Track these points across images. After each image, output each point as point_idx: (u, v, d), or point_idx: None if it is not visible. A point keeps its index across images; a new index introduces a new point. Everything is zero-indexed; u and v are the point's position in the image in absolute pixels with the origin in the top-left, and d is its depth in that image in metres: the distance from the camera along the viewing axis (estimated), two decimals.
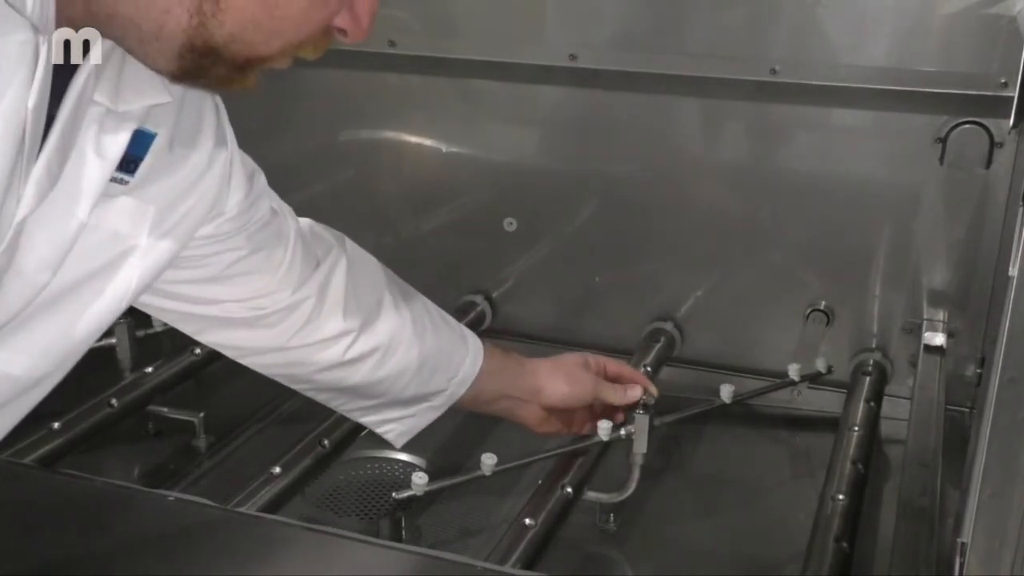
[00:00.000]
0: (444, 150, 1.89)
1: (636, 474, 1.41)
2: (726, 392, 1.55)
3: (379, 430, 1.35)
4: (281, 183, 1.20)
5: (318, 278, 1.20)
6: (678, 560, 1.42)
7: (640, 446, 1.39)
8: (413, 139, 1.90)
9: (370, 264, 1.29)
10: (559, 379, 1.38)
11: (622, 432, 1.40)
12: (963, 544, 0.89)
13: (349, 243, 1.27)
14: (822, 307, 1.75)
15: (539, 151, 1.87)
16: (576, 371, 1.39)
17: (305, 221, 1.23)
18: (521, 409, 1.39)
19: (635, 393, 1.41)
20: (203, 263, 1.10)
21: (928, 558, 1.19)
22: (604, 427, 1.40)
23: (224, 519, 1.03)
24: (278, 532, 1.00)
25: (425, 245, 1.93)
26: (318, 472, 1.48)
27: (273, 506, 1.36)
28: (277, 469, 1.41)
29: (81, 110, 0.86)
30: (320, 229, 1.24)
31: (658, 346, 1.78)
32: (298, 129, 1.95)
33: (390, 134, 1.91)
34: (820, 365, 1.68)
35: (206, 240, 1.08)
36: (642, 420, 1.39)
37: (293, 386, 1.28)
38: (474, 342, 1.35)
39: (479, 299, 1.91)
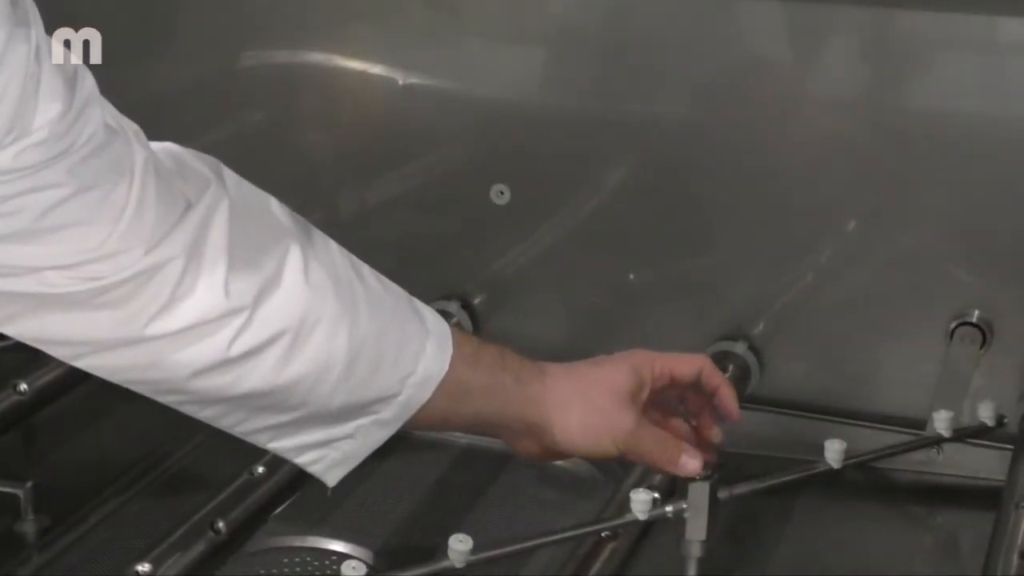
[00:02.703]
0: (401, 82, 1.89)
1: (692, 573, 1.41)
2: (833, 451, 1.54)
3: (300, 460, 1.35)
4: (154, 129, 1.20)
5: (187, 229, 1.19)
6: None
7: (697, 531, 1.40)
8: (353, 65, 1.91)
9: (264, 205, 1.29)
10: (575, 417, 1.38)
11: (669, 509, 1.40)
12: None
13: (229, 174, 1.27)
14: (975, 319, 1.74)
15: (544, 83, 1.88)
16: (609, 408, 1.39)
17: (164, 146, 1.23)
18: (515, 441, 1.41)
19: (717, 439, 1.43)
20: (3, 211, 1.09)
21: None
22: (641, 500, 1.40)
23: None
24: None
25: (373, 227, 1.95)
26: (209, 570, 1.49)
27: None
28: (145, 567, 1.41)
29: None
30: (189, 157, 1.24)
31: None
32: (180, 48, 1.97)
33: (318, 57, 1.92)
34: (984, 414, 1.68)
35: (4, 176, 1.08)
36: (700, 491, 1.39)
37: (160, 398, 1.27)
38: (436, 322, 1.35)
39: (454, 307, 1.92)
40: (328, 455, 1.34)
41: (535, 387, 1.37)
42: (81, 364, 1.22)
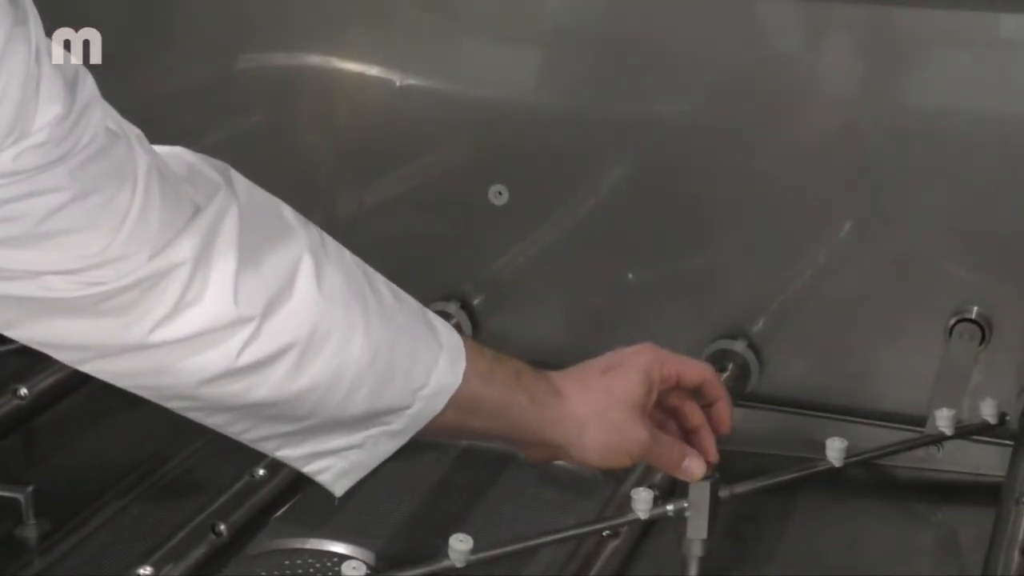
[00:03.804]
0: (398, 83, 1.89)
1: (693, 572, 1.41)
2: (834, 449, 1.54)
3: (307, 469, 1.33)
4: (153, 130, 1.18)
5: (194, 235, 1.18)
6: None
7: (698, 529, 1.39)
8: (351, 66, 1.91)
9: (276, 211, 1.27)
10: (592, 437, 1.36)
11: (670, 508, 1.40)
12: None
13: (239, 179, 1.25)
14: (973, 316, 1.75)
15: (542, 83, 1.89)
16: (624, 424, 1.37)
17: (173, 150, 1.22)
18: (527, 451, 1.41)
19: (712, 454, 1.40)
20: (3, 216, 1.08)
21: None
22: (642, 499, 1.40)
23: None
24: None
25: (371, 227, 1.94)
26: (210, 572, 1.49)
27: None
28: (147, 570, 1.41)
29: None
30: (199, 161, 1.23)
31: (724, 376, 1.78)
32: (179, 50, 1.97)
33: (315, 59, 1.92)
34: (986, 411, 1.68)
35: (3, 179, 1.07)
36: (701, 490, 1.39)
37: (168, 404, 1.26)
38: (449, 336, 1.34)
39: (452, 307, 1.92)
40: (335, 464, 1.33)
41: (552, 409, 1.36)
42: (86, 368, 1.21)
